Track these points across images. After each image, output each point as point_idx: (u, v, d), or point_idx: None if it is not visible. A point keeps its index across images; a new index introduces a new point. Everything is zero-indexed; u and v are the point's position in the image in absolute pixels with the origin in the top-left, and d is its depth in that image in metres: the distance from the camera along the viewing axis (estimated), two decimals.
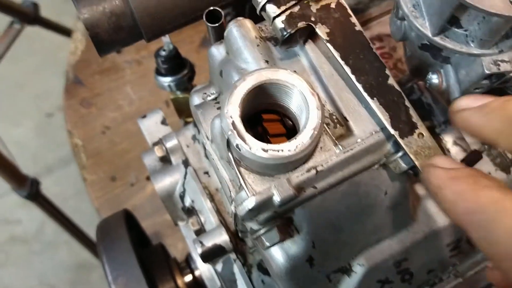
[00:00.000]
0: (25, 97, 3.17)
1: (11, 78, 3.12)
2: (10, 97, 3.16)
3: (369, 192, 0.66)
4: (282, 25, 0.61)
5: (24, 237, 2.91)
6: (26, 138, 3.07)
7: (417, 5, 0.57)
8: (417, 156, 0.58)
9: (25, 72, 3.15)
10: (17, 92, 3.22)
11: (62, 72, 1.66)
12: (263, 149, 0.54)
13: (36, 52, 3.11)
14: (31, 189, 1.53)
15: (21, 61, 3.05)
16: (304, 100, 0.56)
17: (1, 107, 3.11)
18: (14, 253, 2.80)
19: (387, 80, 0.60)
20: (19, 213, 2.89)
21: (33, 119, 3.13)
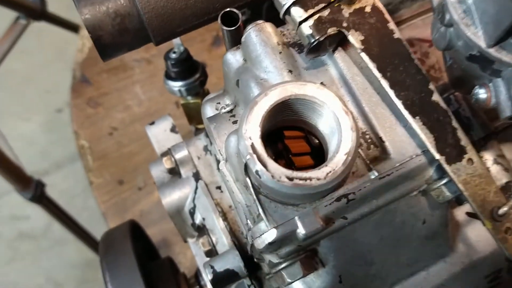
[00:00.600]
0: (34, 92, 3.13)
1: (20, 73, 3.07)
2: (19, 92, 3.11)
3: (405, 221, 0.58)
4: (310, 31, 0.53)
5: (32, 233, 2.87)
6: (34, 134, 3.02)
7: (469, 11, 0.49)
8: (466, 186, 0.50)
9: (34, 66, 3.10)
10: (26, 87, 3.17)
11: (72, 68, 1.60)
12: (287, 177, 0.47)
13: (46, 46, 3.06)
14: (36, 191, 1.48)
15: (30, 56, 3.00)
16: (336, 120, 0.48)
17: (10, 102, 3.06)
18: (22, 249, 2.76)
19: (431, 96, 0.52)
20: (27, 209, 2.84)
21: (42, 115, 3.08)
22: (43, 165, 2.90)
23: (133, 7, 0.64)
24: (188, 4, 0.66)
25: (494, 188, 0.50)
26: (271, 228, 0.50)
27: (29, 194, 1.47)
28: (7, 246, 2.86)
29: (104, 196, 1.44)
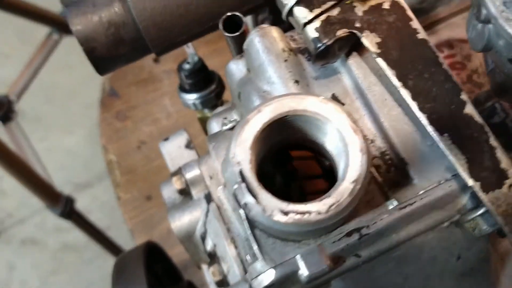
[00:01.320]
0: (78, 106, 3.20)
1: (65, 86, 3.15)
2: (63, 105, 3.19)
3: (435, 257, 0.49)
4: (316, 34, 0.45)
5: (75, 245, 2.91)
6: (78, 146, 3.08)
7: (510, 3, 0.39)
8: (507, 219, 0.40)
9: (77, 80, 3.16)
10: (70, 101, 3.24)
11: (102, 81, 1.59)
12: (282, 212, 0.39)
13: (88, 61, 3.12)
14: (65, 207, 1.46)
15: (74, 70, 3.06)
16: (342, 140, 0.40)
17: (54, 115, 3.14)
18: (66, 261, 2.81)
19: (463, 108, 0.43)
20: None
21: (85, 127, 3.14)
22: (87, 177, 2.95)
23: (128, 15, 0.59)
24: (188, 10, 0.60)
25: None
26: (268, 268, 0.42)
27: (59, 210, 1.46)
28: (52, 257, 2.91)
29: (132, 212, 1.40)
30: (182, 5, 0.60)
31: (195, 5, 0.60)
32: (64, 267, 2.89)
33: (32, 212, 2.90)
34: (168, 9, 0.59)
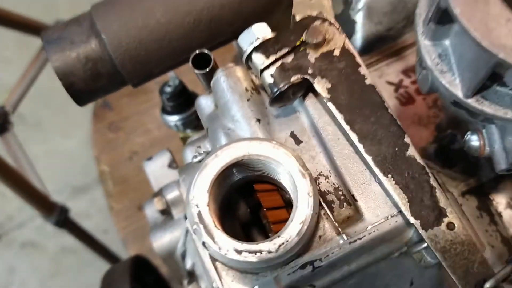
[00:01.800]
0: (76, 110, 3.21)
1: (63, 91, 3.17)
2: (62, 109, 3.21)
3: (388, 284, 0.52)
4: (272, 79, 0.48)
5: (75, 248, 2.94)
6: (77, 150, 3.10)
7: (445, 56, 0.43)
8: (445, 255, 0.44)
9: None
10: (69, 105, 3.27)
11: None
12: (236, 250, 0.42)
13: None
14: (60, 216, 1.50)
15: None
16: (293, 182, 0.43)
17: (54, 119, 3.17)
18: (65, 263, 2.84)
19: (406, 150, 0.46)
20: None
21: (84, 131, 3.16)
22: (86, 181, 2.98)
23: (104, 51, 0.62)
24: (162, 45, 0.63)
25: (479, 258, 0.43)
26: None
27: (53, 219, 1.49)
28: (51, 260, 2.94)
29: (124, 222, 1.44)
30: (156, 40, 0.63)
31: (167, 40, 0.63)
32: (64, 270, 2.92)
33: (32, 216, 2.93)
34: (142, 44, 0.63)
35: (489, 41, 0.34)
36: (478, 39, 0.34)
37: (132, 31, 0.62)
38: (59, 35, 0.61)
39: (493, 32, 0.35)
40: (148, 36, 0.62)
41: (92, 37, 0.62)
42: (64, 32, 0.62)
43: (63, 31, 0.62)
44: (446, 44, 0.43)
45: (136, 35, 0.62)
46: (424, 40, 0.43)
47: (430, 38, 0.43)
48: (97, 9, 0.62)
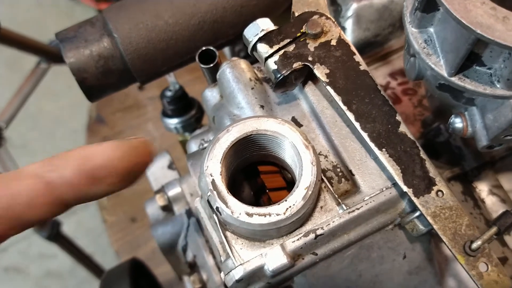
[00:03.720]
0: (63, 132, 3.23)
1: (50, 113, 3.19)
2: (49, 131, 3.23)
3: (384, 256, 0.56)
4: (275, 66, 0.53)
5: (60, 272, 2.91)
6: None
7: (430, 41, 0.48)
8: (435, 219, 0.48)
9: (63, 107, 3.21)
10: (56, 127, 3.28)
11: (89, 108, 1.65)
12: (247, 214, 0.46)
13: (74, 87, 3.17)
14: (52, 230, 1.50)
15: (60, 97, 3.11)
16: (297, 153, 0.48)
17: (40, 141, 3.17)
18: None
19: (398, 127, 0.51)
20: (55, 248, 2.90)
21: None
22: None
23: (116, 49, 0.67)
24: (169, 44, 0.68)
25: (466, 221, 0.48)
26: (238, 265, 0.49)
27: (46, 233, 1.50)
28: (35, 284, 2.89)
29: (117, 234, 1.46)
30: (164, 40, 0.68)
31: (175, 40, 0.68)
32: None
33: (16, 239, 2.89)
34: (151, 43, 0.68)
35: (468, 20, 0.40)
36: (459, 18, 0.40)
37: (142, 31, 0.67)
38: (74, 34, 0.66)
39: (471, 13, 0.41)
40: (157, 36, 0.67)
41: (105, 36, 0.66)
42: (78, 31, 0.66)
43: (77, 30, 0.67)
44: (431, 30, 0.48)
45: (145, 35, 0.67)
46: (411, 28, 0.49)
47: (416, 26, 0.49)
48: (109, 11, 0.67)
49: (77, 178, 0.39)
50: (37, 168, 0.39)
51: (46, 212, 0.39)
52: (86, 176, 0.39)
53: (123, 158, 0.40)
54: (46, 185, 0.38)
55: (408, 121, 0.78)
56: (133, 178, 0.42)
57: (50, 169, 0.39)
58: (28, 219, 0.38)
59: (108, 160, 0.40)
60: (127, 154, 0.41)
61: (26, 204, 0.38)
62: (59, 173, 0.38)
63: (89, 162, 0.39)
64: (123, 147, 0.41)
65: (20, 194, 0.38)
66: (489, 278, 0.47)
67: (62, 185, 0.39)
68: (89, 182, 0.39)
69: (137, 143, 0.42)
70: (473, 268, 0.47)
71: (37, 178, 0.38)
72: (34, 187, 0.38)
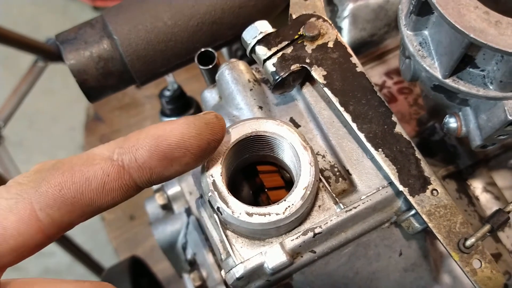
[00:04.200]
0: (60, 130, 3.24)
1: (47, 111, 3.19)
2: (46, 129, 3.23)
3: (380, 254, 0.57)
4: (274, 68, 0.55)
5: (57, 269, 2.92)
6: None
7: (424, 43, 0.49)
8: (430, 217, 0.50)
9: (59, 105, 3.21)
10: (52, 125, 3.29)
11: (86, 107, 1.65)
12: (247, 213, 0.47)
13: (70, 86, 3.18)
14: None
15: (56, 95, 3.11)
16: (295, 154, 0.49)
17: (37, 139, 3.17)
18: None
19: (393, 128, 0.52)
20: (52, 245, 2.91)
21: (68, 151, 3.18)
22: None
23: (116, 51, 0.67)
24: (168, 46, 0.69)
25: (460, 219, 0.49)
26: (239, 263, 0.51)
27: None
28: None
29: (116, 231, 1.47)
30: (163, 41, 0.69)
31: (174, 41, 0.69)
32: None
33: None
34: (150, 45, 0.68)
35: (461, 24, 0.41)
36: (453, 23, 0.41)
37: (141, 33, 0.67)
38: (74, 35, 0.67)
39: (465, 17, 0.42)
40: (156, 37, 0.68)
41: (105, 38, 0.67)
42: (78, 33, 0.67)
43: (77, 32, 0.67)
44: (425, 33, 0.50)
45: (145, 36, 0.68)
46: (407, 31, 0.50)
47: (411, 29, 0.50)
48: (109, 13, 0.68)
49: (151, 159, 0.36)
50: (110, 151, 0.37)
51: (119, 197, 0.37)
52: (161, 157, 0.36)
53: (198, 136, 0.38)
54: (120, 168, 0.36)
55: (403, 120, 0.79)
56: (207, 155, 0.40)
57: (122, 151, 0.37)
58: (100, 204, 0.37)
59: (183, 139, 0.37)
60: (202, 131, 0.38)
61: (99, 189, 0.36)
62: (132, 155, 0.36)
63: (163, 142, 0.37)
64: (198, 124, 0.38)
65: (93, 179, 0.36)
66: (483, 275, 0.48)
67: (136, 168, 0.36)
68: (164, 164, 0.37)
69: (211, 119, 0.39)
70: (467, 265, 0.48)
71: (110, 161, 0.36)
72: (107, 171, 0.36)
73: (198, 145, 0.38)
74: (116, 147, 0.37)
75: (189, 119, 0.38)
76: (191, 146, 0.37)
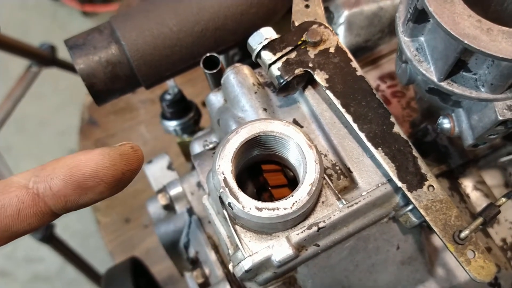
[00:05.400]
0: (49, 135, 3.23)
1: (36, 116, 3.18)
2: (35, 134, 3.22)
3: (379, 247, 0.60)
4: (278, 72, 0.58)
5: (47, 275, 2.90)
6: None
7: (421, 49, 0.53)
8: (427, 211, 0.53)
9: (49, 110, 3.21)
10: (41, 130, 3.27)
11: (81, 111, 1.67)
12: (257, 208, 0.50)
13: (59, 90, 3.17)
14: (46, 232, 1.52)
15: (45, 100, 3.11)
16: (301, 152, 0.52)
17: (26, 144, 3.16)
18: None
19: (392, 128, 0.56)
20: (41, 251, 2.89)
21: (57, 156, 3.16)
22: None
23: (123, 56, 0.70)
24: (173, 51, 0.72)
25: (455, 213, 0.53)
26: (247, 256, 0.53)
27: (39, 234, 1.51)
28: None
29: (111, 235, 1.48)
30: (168, 47, 0.72)
31: (179, 47, 0.72)
32: None
33: None
34: (156, 50, 0.71)
35: (456, 32, 0.45)
36: (449, 30, 0.45)
37: (148, 38, 0.70)
38: (83, 41, 0.69)
39: (459, 25, 0.45)
40: (162, 43, 0.71)
41: (113, 43, 0.70)
42: (87, 39, 0.70)
43: (86, 38, 0.70)
44: (422, 39, 0.53)
45: (151, 42, 0.70)
46: (404, 37, 0.54)
47: (408, 35, 0.53)
48: (117, 20, 0.71)
49: (66, 188, 0.38)
50: (25, 179, 0.39)
51: (35, 223, 0.38)
52: (75, 186, 0.38)
53: (112, 167, 0.39)
54: (34, 196, 0.38)
55: (397, 122, 0.82)
56: (123, 185, 0.41)
57: (38, 180, 0.38)
58: (16, 230, 0.38)
59: (97, 170, 0.38)
60: (116, 162, 0.39)
61: (15, 215, 0.37)
62: (47, 184, 0.38)
63: (78, 172, 0.38)
64: (112, 155, 0.40)
65: (8, 206, 0.37)
66: (476, 264, 0.51)
67: (50, 196, 0.38)
68: (78, 192, 0.38)
69: (126, 150, 0.41)
70: (462, 255, 0.52)
71: (25, 189, 0.38)
72: (22, 199, 0.37)
73: (112, 175, 0.39)
74: (32, 175, 0.39)
75: (104, 150, 0.40)
76: (105, 176, 0.39)
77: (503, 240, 0.74)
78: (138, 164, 0.42)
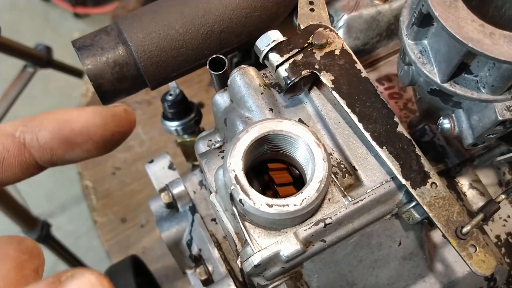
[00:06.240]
0: None
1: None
2: None
3: (382, 243, 0.63)
4: (286, 73, 0.59)
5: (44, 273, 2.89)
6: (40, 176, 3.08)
7: (424, 51, 0.55)
8: (431, 208, 0.55)
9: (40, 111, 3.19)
10: None
11: None
12: (267, 204, 0.52)
13: (52, 92, 3.17)
14: (42, 232, 1.53)
15: (38, 101, 3.09)
16: (310, 151, 0.54)
17: None
18: None
19: (396, 127, 0.58)
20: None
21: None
22: (49, 207, 2.95)
23: (130, 56, 0.71)
24: (180, 52, 0.73)
25: (457, 209, 0.55)
26: (256, 251, 0.55)
27: (35, 234, 1.52)
28: None
29: (108, 234, 1.49)
30: (175, 48, 0.73)
31: (185, 48, 0.74)
32: None
33: None
34: (163, 51, 0.72)
35: (461, 35, 0.47)
36: (454, 34, 0.47)
37: (155, 40, 0.71)
38: (90, 42, 0.70)
39: (463, 29, 0.48)
40: (168, 44, 0.72)
41: (120, 44, 0.71)
42: (95, 40, 0.71)
43: (93, 39, 0.71)
44: (425, 42, 0.55)
45: (158, 43, 0.72)
46: (408, 40, 0.56)
47: (412, 39, 0.56)
48: (124, 21, 0.72)
49: (53, 142, 0.36)
50: (12, 127, 0.37)
51: (19, 173, 0.37)
52: (62, 140, 0.36)
53: (102, 126, 0.38)
54: (20, 146, 0.36)
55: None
56: (111, 146, 0.39)
57: (25, 130, 0.36)
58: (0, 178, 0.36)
59: (87, 127, 0.37)
60: (108, 122, 0.38)
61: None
62: (34, 135, 0.36)
63: (67, 126, 0.36)
64: (104, 114, 0.38)
65: None
66: (477, 258, 0.54)
67: (37, 148, 0.36)
68: (65, 147, 0.37)
69: (118, 112, 0.39)
70: (464, 250, 0.54)
71: (11, 137, 0.36)
72: (7, 147, 0.36)
73: (102, 135, 0.38)
74: (20, 125, 0.37)
75: (97, 109, 0.38)
76: (94, 135, 0.37)
77: (497, 237, 0.77)
78: (129, 127, 0.41)
